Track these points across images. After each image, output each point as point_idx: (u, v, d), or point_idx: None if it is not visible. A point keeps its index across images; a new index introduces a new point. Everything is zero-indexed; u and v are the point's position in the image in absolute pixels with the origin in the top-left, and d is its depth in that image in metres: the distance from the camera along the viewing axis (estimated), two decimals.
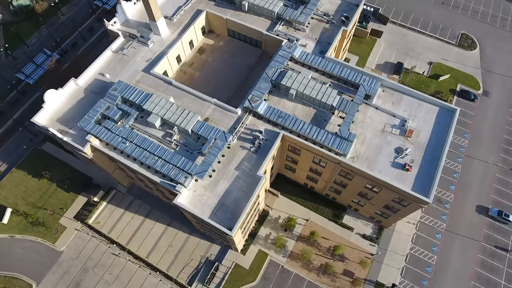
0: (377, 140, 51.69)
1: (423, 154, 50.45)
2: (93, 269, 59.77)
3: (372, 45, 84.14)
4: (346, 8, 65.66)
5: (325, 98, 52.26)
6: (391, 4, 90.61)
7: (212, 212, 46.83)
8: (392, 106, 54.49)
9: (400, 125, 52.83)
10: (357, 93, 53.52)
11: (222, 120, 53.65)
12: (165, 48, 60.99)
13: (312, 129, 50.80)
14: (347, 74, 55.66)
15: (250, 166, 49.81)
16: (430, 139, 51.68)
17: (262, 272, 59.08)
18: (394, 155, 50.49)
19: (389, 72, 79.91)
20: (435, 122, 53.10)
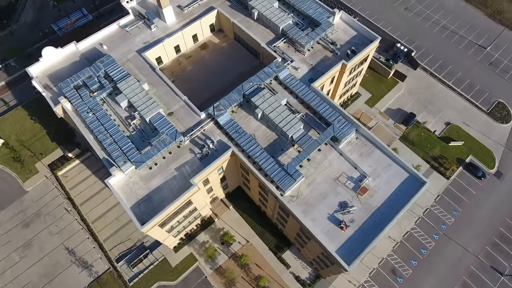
0: (325, 187, 48.19)
1: (367, 218, 46.03)
2: (44, 216, 64.63)
3: (391, 87, 77.90)
4: (358, 42, 61.46)
5: (286, 128, 49.84)
6: (431, 50, 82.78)
7: (136, 203, 47.66)
8: (358, 157, 50.22)
9: (357, 179, 48.58)
10: (324, 132, 50.30)
11: (184, 119, 53.94)
12: (165, 36, 62.66)
13: (262, 155, 48.93)
14: (323, 109, 52.40)
15: (190, 171, 49.63)
16: (382, 204, 46.85)
17: (184, 275, 59.01)
18: (336, 209, 46.70)
19: (398, 120, 73.47)
20: (396, 188, 47.94)
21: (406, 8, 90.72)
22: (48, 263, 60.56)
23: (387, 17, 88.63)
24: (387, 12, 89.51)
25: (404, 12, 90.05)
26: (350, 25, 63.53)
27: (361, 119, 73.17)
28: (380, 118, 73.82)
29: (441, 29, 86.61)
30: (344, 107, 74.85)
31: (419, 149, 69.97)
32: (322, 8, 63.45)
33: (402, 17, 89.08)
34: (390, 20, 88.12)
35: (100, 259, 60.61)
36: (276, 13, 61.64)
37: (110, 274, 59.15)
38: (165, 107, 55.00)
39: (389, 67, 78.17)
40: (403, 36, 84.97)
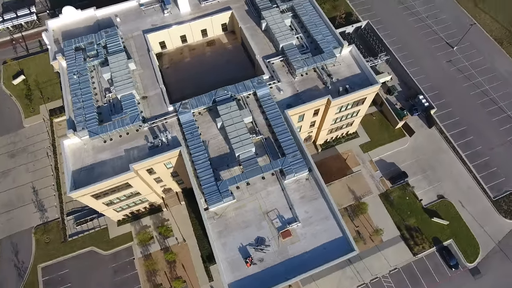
0: (252, 216, 46.26)
1: (277, 263, 43.36)
2: (28, 153, 71.13)
3: (394, 138, 71.43)
4: (358, 81, 57.15)
5: (236, 146, 48.48)
6: (457, 112, 73.96)
7: (78, 169, 50.28)
8: (298, 199, 47.26)
9: (286, 221, 45.85)
10: (273, 162, 48.06)
11: (154, 107, 55.21)
12: (174, 23, 64.19)
13: (204, 164, 48.40)
14: (284, 139, 50.01)
15: (136, 156, 50.84)
16: (300, 256, 43.70)
17: (116, 250, 61.25)
18: (251, 242, 44.67)
19: (386, 175, 67.28)
20: (322, 245, 44.39)
21: (450, 60, 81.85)
22: (14, 195, 66.94)
23: (424, 64, 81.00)
24: (426, 59, 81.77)
25: (445, 64, 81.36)
26: (356, 62, 59.23)
27: (347, 160, 68.53)
28: (368, 166, 68.30)
29: (479, 94, 76.86)
30: (336, 143, 70.61)
31: (396, 212, 63.62)
32: (333, 36, 60.01)
33: (440, 68, 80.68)
34: (426, 68, 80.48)
35: (55, 207, 65.42)
36: (283, 30, 59.70)
37: (56, 224, 63.66)
38: (142, 90, 56.87)
39: (400, 117, 71.64)
40: (431, 89, 77.13)
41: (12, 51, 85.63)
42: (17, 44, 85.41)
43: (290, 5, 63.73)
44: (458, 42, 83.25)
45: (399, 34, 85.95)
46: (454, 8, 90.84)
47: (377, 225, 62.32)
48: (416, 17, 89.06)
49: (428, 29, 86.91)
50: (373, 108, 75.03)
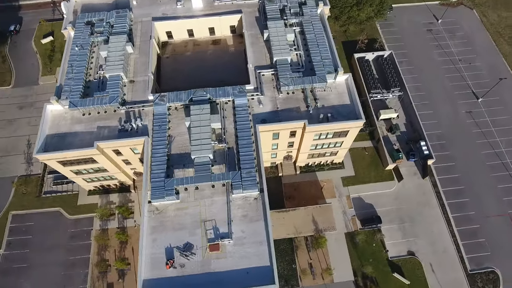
0: (189, 221, 46.13)
1: (195, 274, 42.90)
2: (34, 108, 76.61)
3: (381, 180, 67.15)
4: (344, 112, 54.34)
5: (194, 148, 48.31)
6: (460, 169, 67.90)
7: (53, 134, 53.29)
8: (240, 216, 46.27)
9: (220, 234, 45.13)
10: (226, 173, 47.43)
11: (137, 92, 56.72)
12: (183, 16, 65.28)
13: (160, 158, 49.20)
14: (244, 153, 49.21)
15: (104, 135, 52.73)
16: (219, 273, 42.77)
17: (79, 217, 64.18)
18: (180, 246, 44.58)
19: (360, 215, 63.53)
20: (246, 269, 43.08)
21: (470, 112, 74.87)
22: (11, 143, 72.70)
23: (440, 109, 75.08)
24: (444, 105, 75.71)
25: (463, 114, 74.62)
26: (349, 92, 56.38)
27: (323, 189, 65.74)
28: (344, 201, 64.98)
29: (492, 155, 69.53)
30: (317, 169, 67.97)
31: (357, 256, 59.94)
32: (332, 61, 57.55)
33: (456, 118, 74.20)
34: (440, 114, 74.62)
35: (40, 163, 70.14)
36: (281, 44, 58.24)
37: (37, 179, 68.14)
38: (132, 74, 58.76)
39: (394, 159, 67.15)
40: (438, 138, 71.38)
41: (50, 13, 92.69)
42: (55, 7, 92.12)
43: (299, 20, 62.17)
44: (484, 94, 75.92)
45: (422, 72, 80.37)
46: (493, 56, 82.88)
47: (332, 264, 59.38)
48: (448, 58, 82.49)
49: (456, 73, 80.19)
50: (368, 143, 71.12)
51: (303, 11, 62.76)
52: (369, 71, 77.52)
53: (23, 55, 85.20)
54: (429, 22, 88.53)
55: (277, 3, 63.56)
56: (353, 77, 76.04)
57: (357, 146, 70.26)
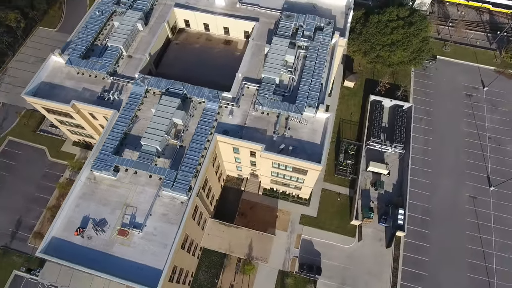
0: (115, 199, 47.68)
1: (96, 249, 44.51)
2: None
3: (341, 232, 62.45)
4: (309, 151, 51.17)
5: (146, 135, 49.65)
6: (432, 254, 60.42)
7: (47, 82, 58.49)
8: (160, 213, 46.80)
9: (133, 223, 46.17)
10: (166, 170, 48.04)
11: (129, 68, 59.49)
12: (202, 9, 66.41)
13: (115, 134, 51.54)
14: (191, 157, 49.34)
15: (85, 97, 56.47)
16: (117, 258, 44.01)
17: (57, 161, 70.28)
18: (96, 219, 46.52)
19: (302, 259, 59.90)
20: (141, 264, 43.63)
21: (474, 197, 65.54)
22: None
23: (440, 183, 67.15)
24: (447, 180, 67.52)
25: (465, 198, 65.59)
26: (323, 132, 52.88)
27: (277, 218, 63.24)
28: (293, 239, 61.83)
29: (477, 253, 60.43)
30: (282, 197, 65.39)
31: None
32: (318, 95, 54.41)
33: (455, 199, 65.61)
34: (439, 188, 66.81)
35: None
36: (275, 62, 56.34)
37: (40, 116, 74.76)
38: (133, 50, 61.66)
39: (363, 216, 61.96)
40: (424, 213, 64.21)
41: None
42: None
43: (308, 44, 59.59)
44: (500, 184, 65.84)
45: (438, 137, 72.31)
46: None
47: None
48: (476, 131, 72.86)
49: (478, 150, 70.63)
50: (345, 190, 66.39)
51: (315, 37, 60.21)
52: (379, 117, 71.79)
53: (76, 6, 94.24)
54: (473, 86, 78.66)
55: (293, 21, 61.65)
56: (361, 118, 73.32)
57: (332, 189, 66.25)
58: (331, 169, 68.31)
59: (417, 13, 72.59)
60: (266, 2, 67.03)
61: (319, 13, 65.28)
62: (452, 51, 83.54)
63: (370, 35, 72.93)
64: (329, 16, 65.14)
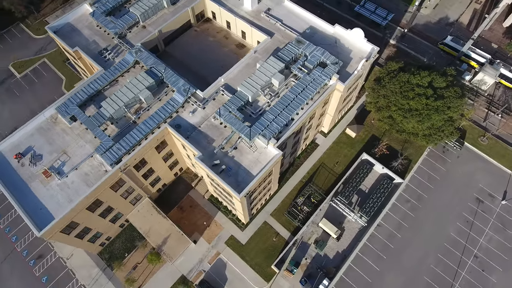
0: (60, 143, 52.48)
1: (21, 178, 49.88)
2: None
3: (259, 270, 59.36)
4: (239, 178, 49.50)
5: (108, 100, 53.34)
6: None
7: (71, 25, 65.43)
8: (85, 171, 50.20)
9: (59, 168, 50.60)
10: (106, 136, 51.04)
11: (137, 36, 63.97)
12: (228, 7, 67.05)
13: (88, 89, 55.83)
14: (135, 132, 51.54)
15: (90, 48, 62.12)
16: (30, 193, 48.75)
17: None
18: (36, 153, 51.81)
19: (207, 277, 58.59)
20: (45, 206, 47.70)
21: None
22: None
23: (394, 268, 58.80)
24: (402, 271, 58.77)
25: None
26: (264, 166, 50.06)
27: (208, 227, 62.66)
28: (211, 254, 60.78)
29: None
30: (223, 210, 64.29)
31: None
32: (279, 127, 51.51)
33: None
34: (388, 273, 58.66)
35: None
36: (257, 82, 54.52)
37: None
38: (149, 22, 65.51)
39: (285, 267, 57.89)
40: None
41: None
42: None
43: (301, 76, 56.40)
44: None
45: (417, 227, 62.87)
46: None
47: (146, 285, 58.38)
48: (465, 243, 61.45)
49: (453, 263, 59.74)
50: (286, 233, 62.46)
51: (313, 71, 56.66)
52: (361, 179, 65.35)
53: None
54: (490, 193, 66.00)
55: (301, 48, 58.66)
56: (344, 172, 67.56)
57: (274, 226, 63.06)
58: (284, 207, 64.83)
59: (454, 89, 63.04)
60: (290, 21, 65.14)
61: (336, 50, 61.33)
62: (488, 145, 71.00)
63: (391, 92, 65.71)
64: (345, 57, 60.66)
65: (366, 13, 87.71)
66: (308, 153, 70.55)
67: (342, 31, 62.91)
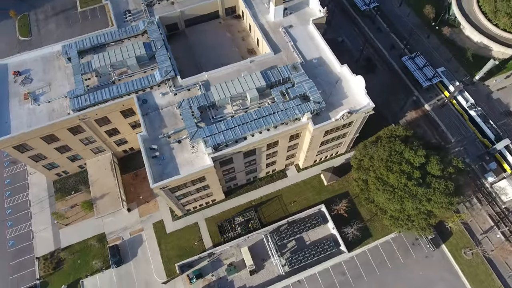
0: (49, 77, 59.32)
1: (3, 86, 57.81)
2: None
3: (163, 259, 59.86)
4: (167, 171, 49.91)
5: (97, 57, 57.89)
6: None
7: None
8: (60, 103, 55.98)
9: (38, 96, 56.88)
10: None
11: (162, 10, 66.80)
12: (254, 11, 66.36)
13: (98, 40, 61.22)
14: (99, 94, 55.39)
15: (123, 8, 67.62)
16: None
17: None
18: (30, 73, 59.41)
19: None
20: (9, 122, 54.64)
21: None
22: None
23: None
24: None
25: None
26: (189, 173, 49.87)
27: (153, 203, 64.86)
28: (138, 226, 63.11)
29: None
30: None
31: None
32: (224, 140, 50.30)
33: None
34: None
35: None
36: (231, 88, 53.71)
37: None
38: (179, 0, 68.34)
39: (187, 273, 57.40)
40: None
41: None
42: None
43: (275, 100, 53.87)
44: None
45: None
46: None
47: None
48: None
49: None
50: (209, 241, 61.56)
51: (290, 101, 53.62)
52: (306, 228, 60.89)
53: None
54: None
55: (292, 74, 55.68)
56: (298, 212, 63.60)
57: (201, 231, 62.73)
58: (220, 218, 63.74)
59: (446, 183, 53.89)
60: (304, 45, 62.15)
61: (331, 90, 57.08)
62: (470, 261, 59.41)
63: (377, 157, 58.91)
64: (336, 101, 56.19)
65: (411, 67, 78.97)
66: (273, 179, 67.75)
67: (348, 73, 58.07)
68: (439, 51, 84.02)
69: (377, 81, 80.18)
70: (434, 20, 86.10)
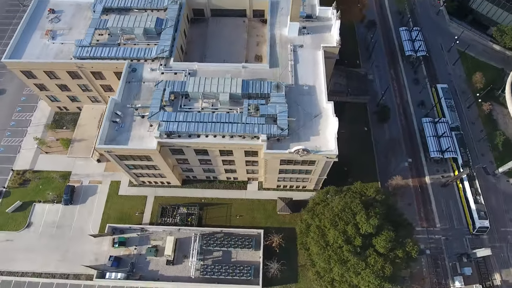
0: (71, 29, 66.01)
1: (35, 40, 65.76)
2: None
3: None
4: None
5: (114, 20, 62.46)
6: None
7: None
8: None
9: (59, 36, 63.84)
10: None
11: None
12: (272, 23, 65.42)
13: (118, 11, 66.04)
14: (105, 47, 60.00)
15: None
16: None
17: None
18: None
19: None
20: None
21: None
22: None
23: None
24: None
25: None
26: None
27: None
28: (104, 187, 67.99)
29: None
30: None
31: None
32: (179, 132, 51.29)
33: None
34: None
35: None
36: (211, 87, 54.08)
37: None
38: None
39: (113, 239, 60.32)
40: None
41: None
42: None
43: (244, 111, 52.81)
44: None
45: None
46: None
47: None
48: None
49: None
50: (148, 219, 63.72)
51: (256, 117, 52.23)
52: (239, 247, 59.18)
53: None
54: None
55: (271, 93, 53.87)
56: (235, 227, 62.63)
57: (147, 205, 65.15)
58: (168, 202, 65.37)
59: (387, 266, 47.75)
60: (304, 68, 59.89)
61: (309, 123, 54.08)
62: None
63: (329, 208, 54.30)
64: (305, 135, 53.26)
65: (428, 131, 70.49)
66: (232, 186, 67.36)
67: (330, 111, 54.23)
68: (473, 126, 73.75)
69: (386, 132, 73.70)
70: (482, 90, 75.42)
